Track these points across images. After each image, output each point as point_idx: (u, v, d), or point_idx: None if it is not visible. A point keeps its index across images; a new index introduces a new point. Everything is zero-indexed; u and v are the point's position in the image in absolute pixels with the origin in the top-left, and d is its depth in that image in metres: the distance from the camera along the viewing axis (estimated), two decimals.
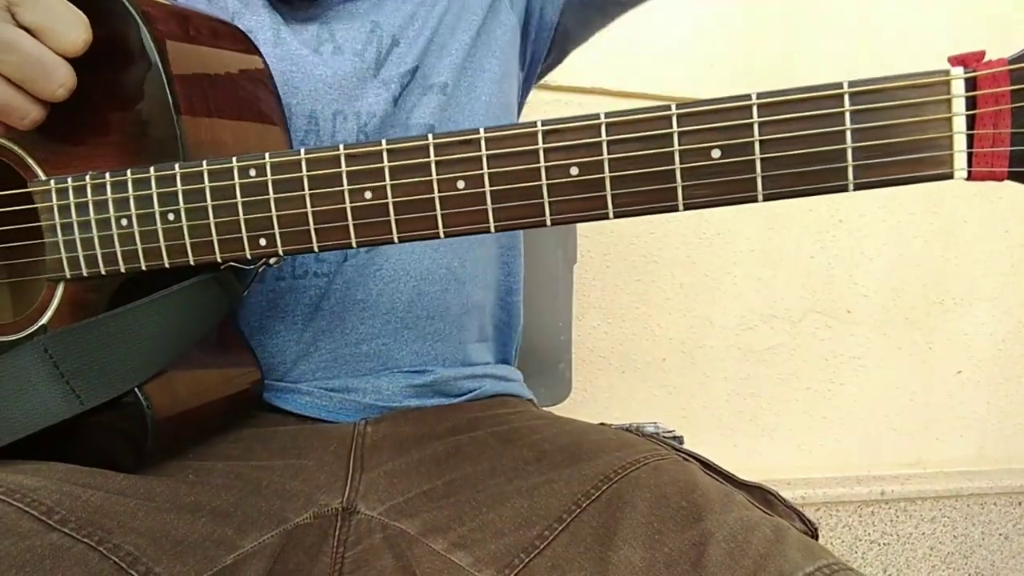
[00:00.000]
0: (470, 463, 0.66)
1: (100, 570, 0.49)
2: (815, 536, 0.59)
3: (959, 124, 0.40)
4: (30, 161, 0.61)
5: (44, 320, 0.61)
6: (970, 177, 0.40)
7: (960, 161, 0.40)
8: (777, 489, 0.63)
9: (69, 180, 0.58)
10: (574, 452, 0.65)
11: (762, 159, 0.44)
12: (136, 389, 0.57)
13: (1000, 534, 1.68)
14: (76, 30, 0.55)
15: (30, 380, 0.56)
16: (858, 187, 0.42)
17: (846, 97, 0.42)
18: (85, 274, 0.59)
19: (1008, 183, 0.40)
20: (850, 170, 0.42)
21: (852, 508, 1.61)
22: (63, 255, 0.60)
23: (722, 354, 1.59)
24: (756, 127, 0.44)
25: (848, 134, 0.42)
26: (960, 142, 0.40)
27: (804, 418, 1.64)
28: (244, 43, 0.68)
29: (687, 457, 0.66)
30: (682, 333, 1.56)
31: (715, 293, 1.56)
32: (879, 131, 0.41)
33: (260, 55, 0.69)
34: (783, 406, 1.63)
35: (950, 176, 0.40)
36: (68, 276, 0.60)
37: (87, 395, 0.56)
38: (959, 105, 0.40)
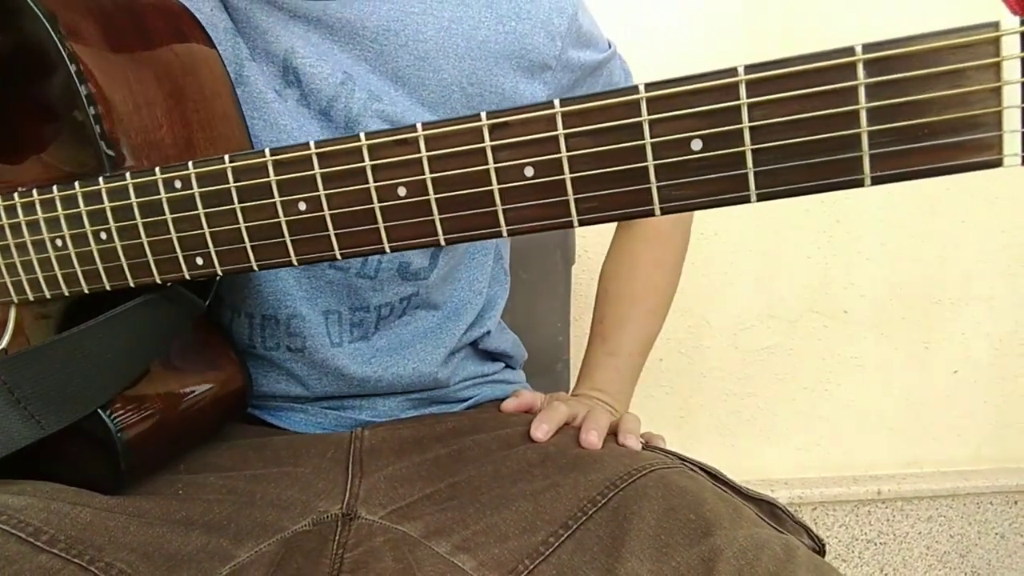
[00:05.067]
0: (473, 466, 0.62)
1: None
2: (822, 552, 0.56)
3: (1012, 95, 0.28)
4: None
5: (3, 343, 0.57)
6: None
7: (1013, 144, 0.28)
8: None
9: None
10: (579, 455, 0.61)
11: (754, 150, 0.33)
12: (101, 411, 0.52)
13: (996, 533, 1.60)
14: None
15: None
16: (877, 180, 0.30)
17: (859, 66, 0.30)
18: (31, 298, 0.54)
19: (1007, 180, 0.28)
20: (866, 160, 0.30)
21: (849, 508, 1.54)
22: (7, 279, 0.54)
23: (719, 354, 1.51)
24: (745, 110, 0.33)
25: (863, 114, 0.30)
26: (1013, 119, 0.28)
27: (801, 418, 1.56)
28: (180, 28, 0.58)
29: (693, 468, 0.61)
30: (679, 333, 1.48)
31: (712, 293, 1.48)
32: (903, 109, 0.29)
33: (201, 33, 0.59)
34: (780, 406, 1.55)
35: (998, 163, 0.28)
36: (15, 300, 0.55)
37: (47, 420, 0.50)
38: (1012, 70, 0.27)
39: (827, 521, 1.53)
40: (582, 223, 0.38)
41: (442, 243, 0.42)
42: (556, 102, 0.37)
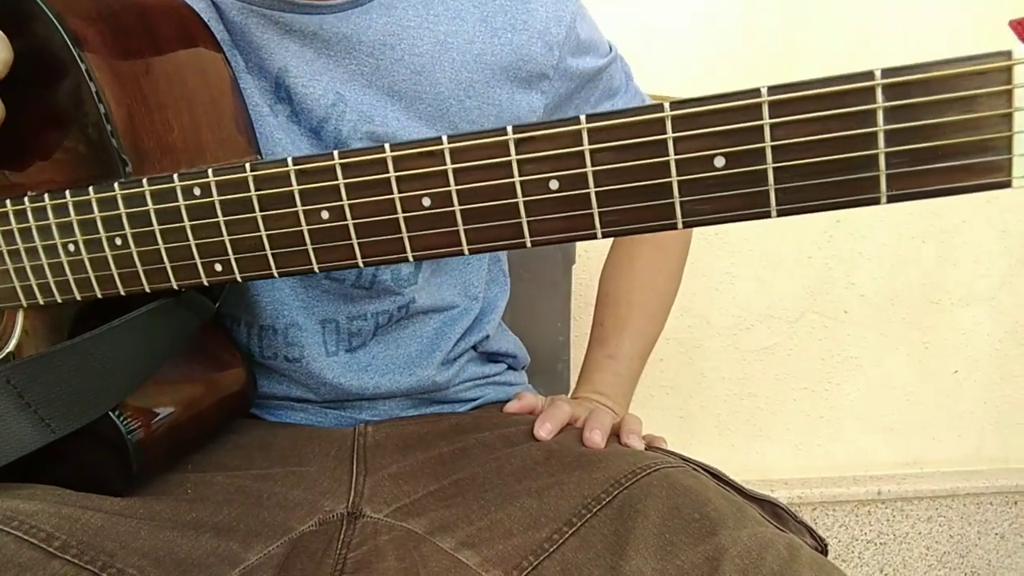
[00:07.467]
0: (477, 463, 0.62)
1: None
2: (825, 552, 0.57)
3: (1022, 121, 0.30)
4: None
5: (10, 347, 0.56)
6: None
7: (1021, 167, 0.30)
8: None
9: (8, 203, 0.52)
10: (583, 454, 0.61)
11: (775, 168, 0.35)
12: (112, 414, 0.52)
13: (996, 534, 1.61)
14: None
15: None
16: (893, 199, 0.33)
17: (878, 90, 0.32)
18: (41, 302, 0.53)
19: None
20: (883, 180, 0.33)
21: (849, 508, 1.55)
22: (16, 284, 0.54)
23: (720, 354, 1.52)
24: (767, 129, 0.35)
25: (881, 136, 0.32)
26: (1022, 143, 0.30)
27: (801, 418, 1.57)
28: (187, 30, 0.59)
29: (696, 468, 0.62)
30: (680, 333, 1.49)
31: (713, 293, 1.49)
32: (919, 132, 0.32)
33: (207, 35, 0.60)
34: (780, 406, 1.56)
35: (1007, 184, 0.31)
36: (24, 305, 0.54)
37: (57, 423, 0.50)
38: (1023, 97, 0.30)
39: (827, 521, 1.54)
40: (605, 235, 0.40)
41: (466, 252, 0.43)
42: (582, 118, 0.39)
